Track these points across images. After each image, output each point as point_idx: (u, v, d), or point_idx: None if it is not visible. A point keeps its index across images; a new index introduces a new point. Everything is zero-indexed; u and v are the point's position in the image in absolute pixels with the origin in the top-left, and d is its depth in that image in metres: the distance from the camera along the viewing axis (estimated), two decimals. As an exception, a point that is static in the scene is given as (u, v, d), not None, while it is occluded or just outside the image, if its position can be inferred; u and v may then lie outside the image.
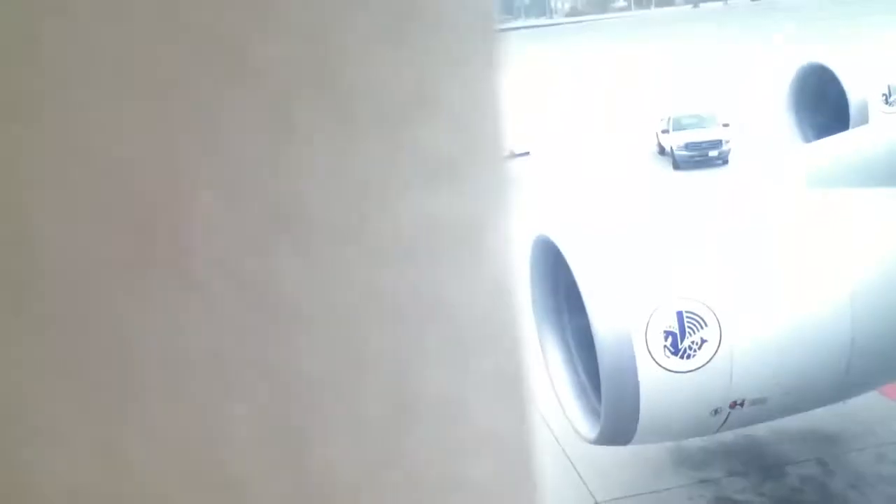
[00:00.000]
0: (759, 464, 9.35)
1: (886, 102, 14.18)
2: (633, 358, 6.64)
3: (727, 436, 8.78)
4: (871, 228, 7.34)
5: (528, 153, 29.82)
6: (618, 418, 7.01)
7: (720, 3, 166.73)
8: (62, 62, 0.36)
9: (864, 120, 13.28)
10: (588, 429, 7.51)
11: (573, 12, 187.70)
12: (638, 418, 6.86)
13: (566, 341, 8.10)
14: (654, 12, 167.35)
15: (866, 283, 7.06)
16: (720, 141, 23.95)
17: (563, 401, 7.91)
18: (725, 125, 24.75)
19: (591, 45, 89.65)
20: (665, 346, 6.67)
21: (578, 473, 9.41)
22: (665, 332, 6.67)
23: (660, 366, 6.66)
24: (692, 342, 6.69)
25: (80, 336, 0.38)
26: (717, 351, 6.71)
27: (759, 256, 7.09)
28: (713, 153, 23.65)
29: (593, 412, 7.51)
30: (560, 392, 7.97)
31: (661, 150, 26.01)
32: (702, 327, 6.70)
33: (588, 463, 9.44)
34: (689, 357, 6.70)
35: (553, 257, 7.59)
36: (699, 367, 6.72)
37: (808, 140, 13.20)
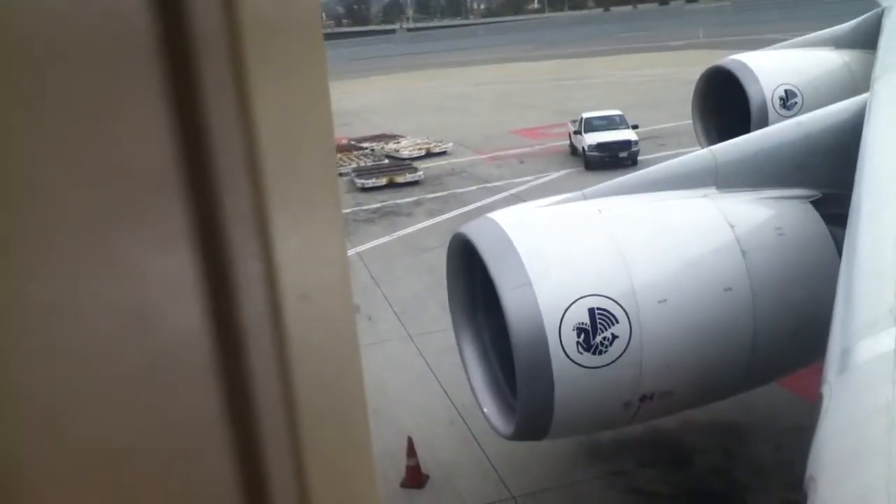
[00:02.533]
0: (667, 455, 9.66)
1: (784, 106, 14.86)
2: (547, 354, 6.77)
3: (637, 428, 9.04)
4: (769, 228, 7.67)
5: (445, 152, 30.08)
6: (533, 414, 7.13)
7: (629, 7, 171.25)
8: None
9: (763, 122, 13.87)
10: (504, 425, 7.61)
11: (488, 13, 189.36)
12: (553, 413, 6.99)
13: (482, 339, 8.19)
14: (567, 14, 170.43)
15: (766, 279, 7.37)
16: (629, 142, 24.62)
17: (480, 397, 7.99)
18: (634, 126, 25.45)
19: (506, 47, 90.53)
20: (578, 343, 6.82)
21: (495, 469, 9.52)
22: (577, 328, 6.82)
23: (573, 361, 6.81)
24: (604, 338, 6.86)
25: None
26: (627, 346, 6.90)
27: (666, 255, 7.32)
28: (623, 154, 24.29)
29: (509, 408, 7.62)
30: (476, 389, 8.05)
31: (574, 151, 26.55)
32: (613, 323, 6.88)
33: (504, 458, 9.56)
34: (600, 353, 6.87)
35: (470, 255, 7.66)
36: (610, 363, 6.90)
37: (712, 142, 13.69)
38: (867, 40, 14.62)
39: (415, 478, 9.42)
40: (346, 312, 0.76)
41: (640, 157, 24.11)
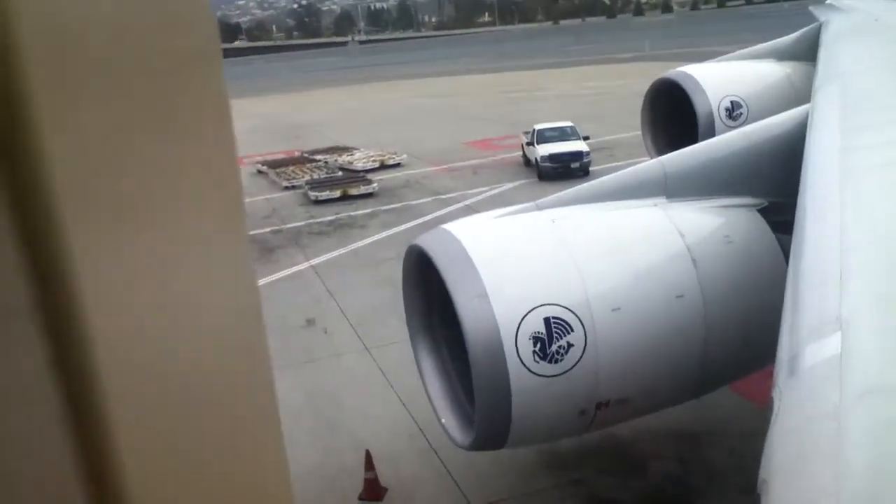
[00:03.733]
0: (626, 462, 9.75)
1: (730, 116, 15.22)
2: (504, 364, 6.80)
3: (595, 436, 9.12)
4: (718, 236, 7.83)
5: (399, 164, 30.06)
6: (491, 423, 7.15)
7: (578, 20, 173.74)
8: None
9: (710, 133, 14.18)
10: (463, 435, 7.61)
11: (440, 26, 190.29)
12: (510, 423, 7.02)
13: (439, 350, 8.19)
14: (517, 28, 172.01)
15: (717, 286, 7.52)
16: (581, 153, 24.93)
17: (438, 408, 7.98)
18: (585, 138, 25.80)
19: (457, 59, 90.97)
20: (534, 352, 6.86)
21: (455, 480, 9.51)
22: (534, 337, 6.86)
23: (529, 370, 6.85)
24: (559, 347, 6.92)
25: None
26: (582, 355, 6.97)
27: (619, 264, 7.42)
28: (575, 165, 24.59)
29: (467, 419, 7.63)
30: (434, 400, 8.05)
31: (527, 162, 26.78)
32: (568, 332, 6.95)
33: (464, 469, 9.56)
34: (556, 361, 6.92)
35: (425, 267, 7.66)
36: (566, 371, 6.95)
37: (661, 152, 13.95)
38: (807, 53, 15.07)
39: (373, 491, 9.36)
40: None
41: (591, 168, 24.44)
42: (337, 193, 25.09)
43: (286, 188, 27.67)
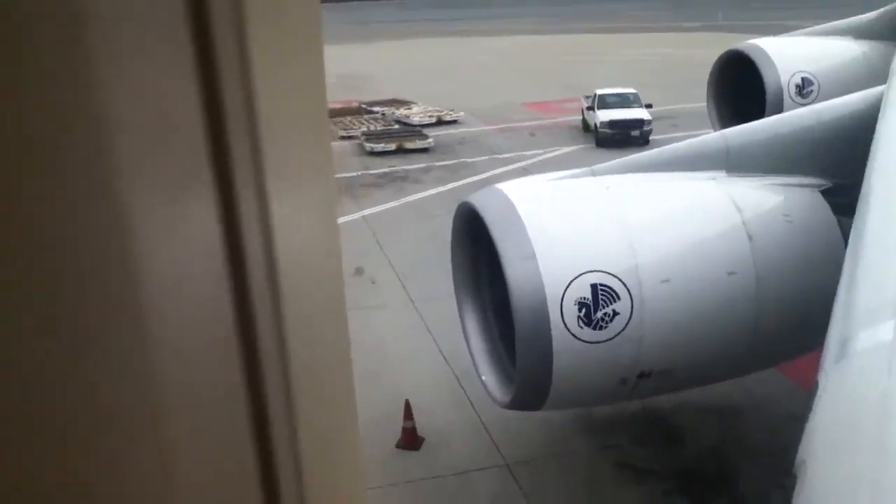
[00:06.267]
0: (662, 433, 9.76)
1: (800, 94, 14.76)
2: (547, 326, 6.82)
3: (634, 406, 9.13)
4: (777, 214, 7.68)
5: (456, 121, 29.94)
6: (531, 384, 7.21)
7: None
8: None
9: (778, 109, 13.79)
10: (502, 394, 7.69)
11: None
12: (550, 385, 7.06)
13: (484, 308, 8.25)
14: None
15: (771, 265, 7.40)
16: (642, 121, 24.47)
17: (479, 365, 8.06)
18: (648, 106, 25.28)
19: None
20: (579, 317, 6.87)
21: (490, 436, 9.65)
22: (579, 303, 6.87)
23: (573, 335, 6.87)
24: (605, 314, 6.91)
25: None
26: (627, 323, 6.95)
27: (672, 235, 7.34)
28: (635, 133, 24.17)
29: (507, 378, 7.69)
30: (476, 357, 8.12)
31: (586, 127, 26.41)
32: (614, 300, 6.93)
33: (500, 427, 9.68)
34: (601, 328, 6.92)
35: (475, 225, 7.68)
36: (610, 339, 6.95)
37: (725, 125, 13.62)
38: (887, 32, 14.49)
39: (410, 440, 9.55)
40: (335, 278, 0.78)
41: (652, 137, 24.00)
42: (392, 146, 25.14)
43: (342, 138, 27.80)
